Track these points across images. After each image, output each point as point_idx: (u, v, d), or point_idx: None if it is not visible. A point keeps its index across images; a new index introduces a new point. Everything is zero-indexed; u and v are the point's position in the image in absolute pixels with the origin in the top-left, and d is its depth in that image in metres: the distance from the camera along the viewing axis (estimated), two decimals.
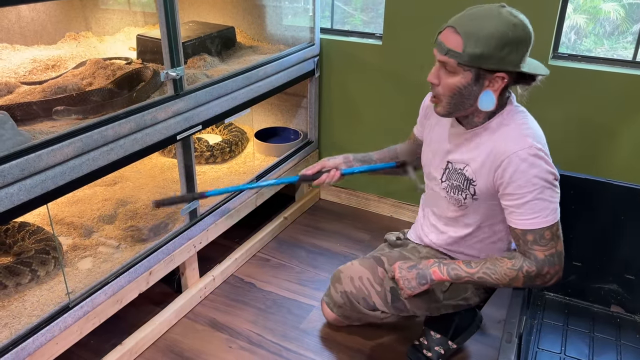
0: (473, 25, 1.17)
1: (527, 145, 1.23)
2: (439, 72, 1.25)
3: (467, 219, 1.43)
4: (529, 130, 1.27)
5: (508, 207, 1.28)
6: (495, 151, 1.28)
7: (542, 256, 1.25)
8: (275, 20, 2.28)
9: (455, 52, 1.18)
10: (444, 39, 1.21)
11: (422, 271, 1.37)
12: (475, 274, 1.30)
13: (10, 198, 1.16)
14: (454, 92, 1.24)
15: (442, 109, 1.29)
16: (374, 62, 2.20)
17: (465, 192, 1.37)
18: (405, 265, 1.40)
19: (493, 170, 1.28)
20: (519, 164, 1.23)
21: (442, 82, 1.24)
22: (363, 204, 2.47)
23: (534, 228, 1.25)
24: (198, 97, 1.63)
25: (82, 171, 1.31)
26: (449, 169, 1.42)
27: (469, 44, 1.17)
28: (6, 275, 1.47)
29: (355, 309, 1.55)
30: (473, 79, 1.21)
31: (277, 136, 2.46)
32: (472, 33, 1.17)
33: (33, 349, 1.30)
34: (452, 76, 1.22)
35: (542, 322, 1.69)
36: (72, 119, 1.41)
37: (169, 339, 1.69)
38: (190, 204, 1.71)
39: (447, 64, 1.21)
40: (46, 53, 1.95)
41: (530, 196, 1.23)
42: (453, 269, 1.33)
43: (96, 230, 1.73)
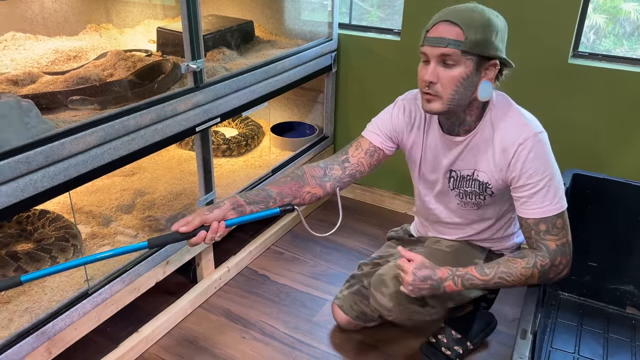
0: (466, 16, 1.20)
1: (530, 133, 1.26)
2: (435, 69, 1.23)
3: (485, 214, 1.44)
4: (524, 117, 1.30)
5: (520, 198, 1.29)
6: (501, 146, 1.29)
7: (554, 246, 1.27)
8: (294, 15, 2.29)
9: (458, 42, 1.19)
10: (440, 34, 1.20)
11: (436, 283, 1.32)
12: (491, 280, 1.29)
13: (34, 184, 1.19)
14: (457, 84, 1.22)
15: (441, 105, 1.25)
16: (391, 58, 2.20)
17: (484, 195, 1.38)
18: (420, 273, 1.32)
19: (505, 167, 1.30)
20: (527, 155, 1.25)
21: (442, 78, 1.22)
22: (378, 200, 2.48)
23: (547, 216, 1.26)
24: (217, 89, 1.65)
25: (103, 160, 1.33)
26: (454, 177, 1.42)
27: (469, 32, 1.18)
28: (27, 261, 1.50)
29: (407, 309, 1.42)
30: (474, 68, 1.22)
31: (292, 131, 2.48)
32: (469, 22, 1.19)
33: (53, 333, 1.32)
34: (454, 68, 1.21)
35: (556, 321, 1.69)
36: (88, 109, 1.43)
37: (184, 328, 1.71)
38: (207, 195, 1.73)
39: (449, 57, 1.20)
40: (68, 44, 1.97)
41: (542, 184, 1.25)
42: (468, 279, 1.30)
43: (114, 220, 1.76)
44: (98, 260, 1.12)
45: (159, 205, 1.83)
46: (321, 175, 1.42)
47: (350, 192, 2.54)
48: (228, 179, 2.05)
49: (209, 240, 1.17)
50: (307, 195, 1.39)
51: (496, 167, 1.32)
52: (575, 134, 1.92)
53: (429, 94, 1.25)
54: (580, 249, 1.51)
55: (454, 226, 1.51)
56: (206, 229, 1.16)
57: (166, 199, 1.87)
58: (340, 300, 1.65)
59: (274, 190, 1.34)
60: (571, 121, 1.91)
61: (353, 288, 1.64)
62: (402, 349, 1.66)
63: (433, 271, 1.33)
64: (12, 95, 1.25)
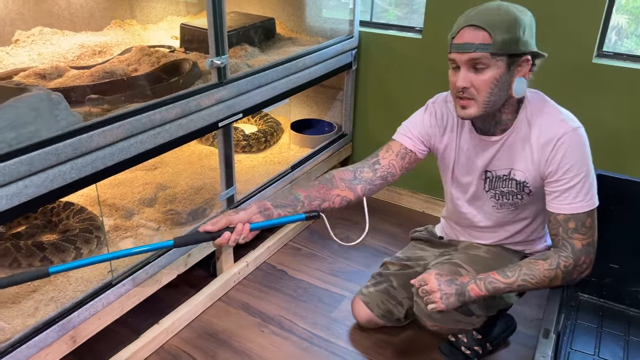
0: (490, 18, 1.18)
1: (569, 128, 1.25)
2: (467, 74, 1.22)
3: (523, 213, 1.44)
4: (561, 113, 1.29)
5: (553, 192, 1.28)
6: (539, 143, 1.28)
7: (580, 245, 1.26)
8: (315, 13, 2.30)
9: (485, 45, 1.18)
10: (466, 39, 1.20)
11: (460, 287, 1.30)
12: (514, 283, 1.28)
13: (63, 176, 1.21)
14: (491, 86, 1.22)
15: (477, 110, 1.25)
16: (412, 55, 2.20)
17: (521, 194, 1.38)
18: (443, 278, 1.32)
19: (543, 163, 1.29)
20: (566, 149, 1.24)
21: (475, 82, 1.22)
22: (396, 198, 2.48)
23: (578, 212, 1.25)
24: (240, 85, 1.66)
25: (129, 153, 1.35)
26: (489, 178, 1.41)
27: (496, 33, 1.17)
28: (52, 252, 1.53)
29: (451, 318, 1.39)
30: (506, 68, 1.21)
31: (311, 128, 2.49)
32: (493, 23, 1.18)
33: (78, 322, 1.35)
34: (486, 71, 1.21)
35: (575, 322, 1.68)
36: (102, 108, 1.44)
37: (203, 320, 1.73)
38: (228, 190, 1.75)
39: (478, 61, 1.20)
40: (93, 39, 2.01)
41: (577, 179, 1.24)
42: (490, 282, 1.29)
43: (137, 213, 1.78)
44: (123, 257, 1.14)
45: (180, 200, 1.86)
46: (351, 178, 1.39)
47: None
48: (247, 175, 2.06)
49: (232, 242, 1.16)
50: (336, 198, 1.36)
51: (534, 164, 1.31)
52: (599, 134, 1.90)
53: (464, 99, 1.25)
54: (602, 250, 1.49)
55: (488, 230, 1.50)
56: (231, 231, 1.16)
57: (187, 194, 1.89)
58: (366, 297, 1.64)
59: (302, 194, 1.31)
60: (595, 121, 1.89)
61: (380, 286, 1.63)
62: (420, 346, 1.66)
63: (453, 276, 1.33)
64: (42, 88, 1.28)
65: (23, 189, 1.14)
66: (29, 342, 1.24)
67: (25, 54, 1.83)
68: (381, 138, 2.42)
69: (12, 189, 1.12)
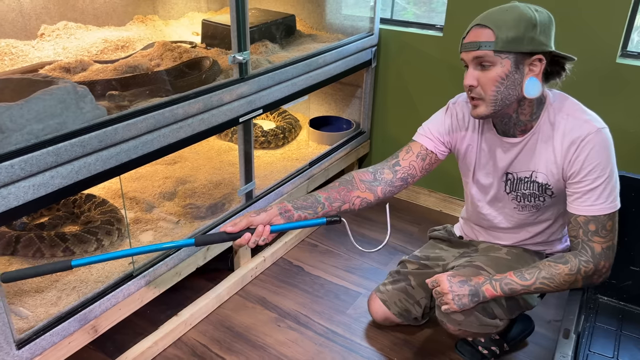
0: (497, 17, 1.19)
1: (593, 129, 1.23)
2: (473, 72, 1.23)
3: (544, 215, 1.42)
4: (586, 113, 1.27)
5: (574, 193, 1.27)
6: (563, 146, 1.26)
7: (600, 249, 1.24)
8: (335, 10, 2.30)
9: (489, 42, 1.19)
10: (472, 38, 1.22)
11: (474, 288, 1.30)
12: (531, 285, 1.26)
13: (88, 167, 1.23)
14: (497, 85, 1.21)
15: (486, 109, 1.24)
16: (433, 53, 2.19)
17: (543, 196, 1.36)
18: (455, 279, 1.32)
19: (567, 164, 1.27)
20: (590, 149, 1.23)
21: (481, 80, 1.22)
22: (412, 196, 2.47)
23: (599, 214, 1.23)
24: (261, 81, 1.68)
25: (153, 146, 1.37)
26: (510, 180, 1.40)
27: (500, 31, 1.18)
28: (74, 243, 1.56)
29: (475, 321, 1.36)
30: (513, 66, 1.20)
31: (329, 125, 2.49)
32: (500, 22, 1.18)
33: (99, 312, 1.37)
34: (491, 69, 1.21)
35: (594, 325, 1.66)
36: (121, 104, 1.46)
37: (221, 313, 1.75)
38: (247, 185, 1.76)
39: (483, 58, 1.20)
40: (116, 34, 2.03)
41: (600, 181, 1.23)
42: (507, 284, 1.28)
43: (157, 206, 1.81)
44: (145, 253, 1.15)
45: (200, 194, 1.87)
46: (371, 180, 1.40)
47: None
48: (266, 171, 2.07)
49: (252, 244, 1.18)
50: (356, 200, 1.36)
51: (557, 166, 1.29)
52: (622, 134, 1.88)
53: (474, 99, 1.26)
54: (623, 252, 1.48)
55: (509, 231, 1.49)
56: (251, 232, 1.17)
57: (206, 188, 1.91)
58: (383, 295, 1.64)
59: (322, 195, 1.32)
60: (618, 121, 1.87)
61: (398, 284, 1.63)
62: (436, 345, 1.66)
63: (467, 277, 1.32)
64: (68, 81, 1.30)
65: (49, 179, 1.16)
66: (52, 330, 1.27)
67: (50, 47, 1.85)
68: (399, 136, 2.42)
69: (39, 179, 1.14)
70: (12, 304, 1.34)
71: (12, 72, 1.62)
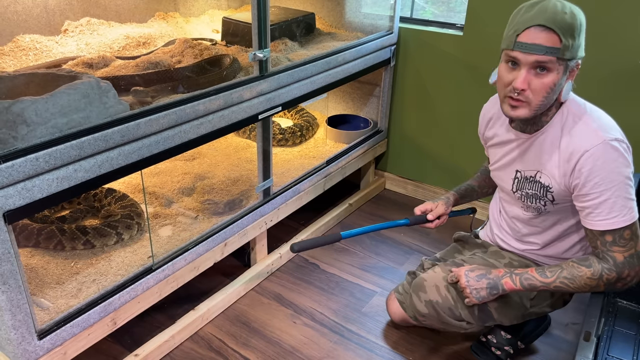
0: (560, 20, 1.14)
1: (599, 140, 1.19)
2: (528, 76, 1.18)
3: (551, 224, 1.40)
4: (597, 122, 1.23)
5: (585, 207, 1.24)
6: (567, 151, 1.24)
7: (622, 258, 1.21)
8: (355, 8, 2.30)
9: (555, 49, 1.15)
10: (535, 40, 1.16)
11: (492, 281, 1.32)
12: (551, 284, 1.26)
13: (110, 162, 1.25)
14: (549, 91, 1.19)
15: (528, 112, 1.23)
16: (453, 53, 2.18)
17: (544, 199, 1.35)
18: (472, 274, 1.35)
19: (569, 173, 1.25)
20: (595, 161, 1.19)
21: (534, 85, 1.19)
22: (430, 197, 2.46)
23: (614, 228, 1.21)
24: (280, 79, 1.68)
25: (174, 142, 1.38)
26: (518, 179, 1.39)
27: (566, 38, 1.15)
28: (95, 236, 1.58)
29: (440, 319, 1.47)
30: (563, 72, 1.19)
31: (347, 123, 2.49)
32: (564, 27, 1.15)
33: (118, 304, 1.39)
34: (547, 75, 1.18)
35: (613, 329, 1.64)
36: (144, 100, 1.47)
37: (237, 309, 1.76)
38: (265, 182, 1.77)
39: (545, 63, 1.16)
40: (138, 30, 2.05)
41: (609, 193, 1.19)
42: (526, 279, 1.28)
43: (176, 201, 1.82)
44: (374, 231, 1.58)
45: (218, 190, 1.89)
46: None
47: (402, 187, 2.54)
48: (283, 168, 2.08)
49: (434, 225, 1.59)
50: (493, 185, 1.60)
51: (559, 171, 1.28)
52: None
53: (517, 100, 1.22)
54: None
55: (515, 234, 1.49)
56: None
57: (224, 184, 1.92)
58: (402, 296, 1.64)
59: (475, 184, 1.68)
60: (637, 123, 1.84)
61: None
62: (452, 345, 1.65)
63: (487, 269, 1.32)
64: (91, 76, 1.32)
65: (73, 172, 1.18)
66: (73, 321, 1.29)
67: (73, 43, 1.88)
68: (417, 136, 2.41)
69: (62, 172, 1.16)
70: (34, 295, 1.37)
71: (36, 67, 1.65)
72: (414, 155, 2.46)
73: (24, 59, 1.74)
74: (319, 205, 2.29)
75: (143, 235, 1.65)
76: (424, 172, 2.45)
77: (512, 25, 1.21)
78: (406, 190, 2.53)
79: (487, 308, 1.42)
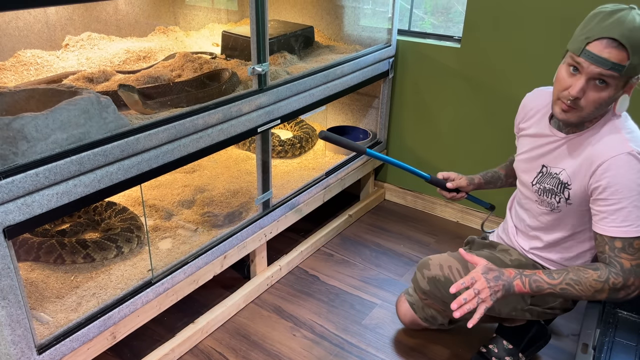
0: (634, 37, 1.12)
1: (627, 149, 1.20)
2: (586, 86, 1.18)
3: (560, 224, 1.41)
4: (631, 133, 1.24)
5: (600, 212, 1.25)
6: (593, 155, 1.25)
7: (629, 265, 1.22)
8: (353, 21, 2.32)
9: (620, 66, 1.14)
10: (603, 53, 1.14)
11: (507, 283, 1.31)
12: (557, 285, 1.27)
13: (110, 176, 1.26)
14: (602, 104, 1.20)
15: (578, 119, 1.24)
16: (450, 65, 2.19)
17: (560, 196, 1.36)
18: (490, 275, 1.32)
19: (590, 174, 1.26)
20: (617, 169, 1.20)
21: (589, 96, 1.19)
22: (429, 207, 2.47)
23: (625, 236, 1.21)
24: (279, 92, 1.70)
25: (173, 156, 1.39)
26: (542, 173, 1.40)
27: (634, 56, 1.13)
28: (95, 250, 1.59)
29: (442, 298, 1.49)
30: (621, 87, 1.19)
31: (346, 135, 2.50)
32: (636, 44, 1.12)
33: (118, 318, 1.39)
34: (605, 89, 1.18)
35: (613, 340, 1.63)
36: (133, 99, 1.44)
37: (237, 322, 1.76)
38: (264, 194, 1.77)
39: (606, 77, 1.16)
40: (138, 45, 2.07)
41: (626, 202, 1.20)
42: (535, 281, 1.29)
43: (176, 214, 1.83)
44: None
45: (217, 202, 1.89)
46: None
47: (401, 198, 2.55)
48: (282, 180, 2.09)
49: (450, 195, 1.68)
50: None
51: (580, 172, 1.29)
52: None
53: (569, 106, 1.23)
54: None
55: (523, 227, 1.50)
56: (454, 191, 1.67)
57: (224, 196, 1.93)
58: (412, 298, 1.66)
59: (502, 172, 1.71)
60: None
61: None
62: (452, 357, 1.65)
63: (500, 271, 1.32)
64: (91, 91, 1.33)
65: (73, 187, 1.19)
66: (72, 336, 1.29)
67: (74, 58, 1.90)
68: (416, 146, 2.42)
69: (62, 187, 1.17)
70: (34, 309, 1.37)
71: (37, 81, 1.66)
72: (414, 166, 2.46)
73: (25, 73, 1.76)
74: (319, 217, 2.30)
75: (143, 248, 1.66)
76: (424, 182, 2.45)
77: (585, 29, 1.18)
78: (406, 200, 2.54)
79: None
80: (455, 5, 2.42)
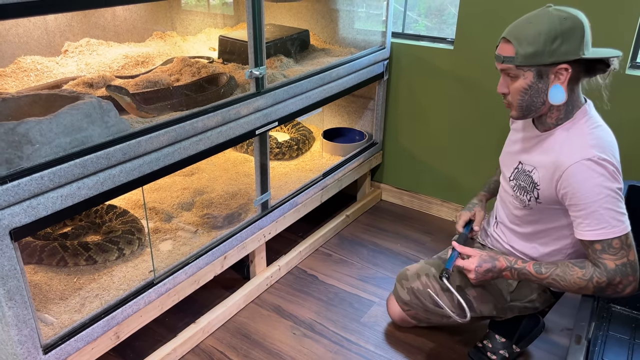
0: (520, 30, 1.27)
1: (589, 155, 1.24)
2: (504, 81, 1.35)
3: (532, 220, 1.45)
4: (596, 140, 1.27)
5: (575, 217, 1.29)
6: (558, 160, 1.30)
7: (613, 265, 1.24)
8: (348, 24, 2.35)
9: (510, 57, 1.28)
10: (500, 51, 1.32)
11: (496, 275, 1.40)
12: (544, 279, 1.32)
13: (112, 179, 1.29)
14: (522, 94, 1.32)
15: (515, 112, 1.37)
16: (444, 66, 2.23)
17: (530, 194, 1.41)
18: (481, 269, 1.39)
19: (555, 181, 1.31)
20: (579, 175, 1.24)
21: (510, 89, 1.34)
22: (425, 207, 2.50)
23: (602, 239, 1.24)
24: (276, 95, 1.73)
25: (174, 158, 1.42)
26: (518, 169, 1.46)
27: (520, 47, 1.26)
28: (97, 252, 1.61)
29: (423, 307, 1.60)
30: (535, 77, 1.28)
31: (342, 136, 2.54)
32: (520, 37, 1.26)
33: (121, 319, 1.42)
34: (516, 80, 1.31)
35: (607, 334, 1.67)
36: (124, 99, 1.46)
37: (237, 321, 1.79)
38: (263, 195, 1.80)
39: (508, 71, 1.31)
40: (136, 50, 2.10)
41: (596, 206, 1.23)
42: (523, 273, 1.35)
43: (175, 216, 1.86)
44: None
45: (217, 204, 1.92)
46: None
47: (398, 198, 2.58)
48: (280, 181, 2.12)
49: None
50: None
51: (548, 175, 1.34)
52: (632, 145, 1.90)
53: (506, 104, 1.39)
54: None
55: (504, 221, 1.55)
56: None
57: (223, 199, 1.95)
58: (396, 294, 1.69)
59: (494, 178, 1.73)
60: (628, 131, 1.89)
61: None
62: (450, 353, 1.68)
63: (493, 264, 1.38)
64: (93, 96, 1.36)
65: (76, 190, 1.21)
66: (77, 336, 1.31)
67: (73, 63, 1.93)
68: (411, 147, 2.46)
69: (66, 190, 1.19)
70: (38, 310, 1.39)
71: (37, 87, 1.69)
72: (409, 166, 2.50)
73: (26, 79, 1.79)
74: (317, 217, 2.33)
75: (144, 250, 1.68)
76: (419, 182, 2.49)
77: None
78: (402, 200, 2.57)
79: (466, 296, 1.51)
80: (449, 7, 2.46)
